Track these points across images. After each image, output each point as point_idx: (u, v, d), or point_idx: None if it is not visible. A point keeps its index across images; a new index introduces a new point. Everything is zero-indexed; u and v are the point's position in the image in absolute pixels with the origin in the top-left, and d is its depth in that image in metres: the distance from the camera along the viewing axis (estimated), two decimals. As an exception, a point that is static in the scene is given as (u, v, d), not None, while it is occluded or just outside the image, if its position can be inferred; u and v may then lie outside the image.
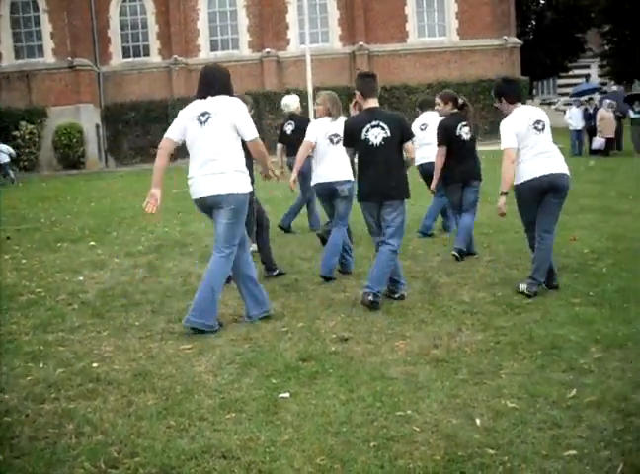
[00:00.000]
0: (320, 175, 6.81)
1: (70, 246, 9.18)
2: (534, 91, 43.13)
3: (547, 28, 43.74)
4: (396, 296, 5.83)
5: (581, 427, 3.39)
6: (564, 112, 22.89)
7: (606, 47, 48.19)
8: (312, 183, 6.99)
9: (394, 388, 3.95)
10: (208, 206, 5.26)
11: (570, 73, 48.92)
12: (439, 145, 7.36)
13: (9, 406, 3.93)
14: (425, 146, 8.40)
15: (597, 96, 27.79)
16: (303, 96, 23.25)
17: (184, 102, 26.81)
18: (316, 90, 23.30)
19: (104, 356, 4.75)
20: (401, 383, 4.03)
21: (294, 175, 7.34)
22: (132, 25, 30.85)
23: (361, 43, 30.07)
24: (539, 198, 5.74)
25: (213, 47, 30.82)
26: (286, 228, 9.46)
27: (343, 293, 6.16)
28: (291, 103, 9.69)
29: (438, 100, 7.61)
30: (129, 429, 3.58)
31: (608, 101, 22.00)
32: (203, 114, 5.19)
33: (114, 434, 3.52)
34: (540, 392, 3.80)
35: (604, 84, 46.48)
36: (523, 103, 6.14)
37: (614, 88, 37.53)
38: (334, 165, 6.69)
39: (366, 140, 5.71)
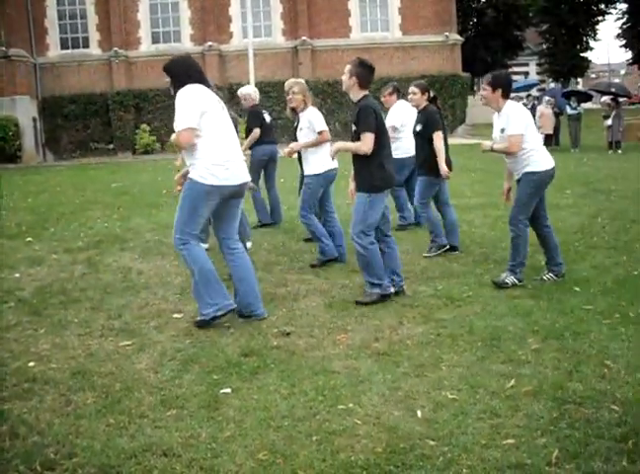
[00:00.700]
0: (330, 162, 6.76)
1: (6, 242, 8.91)
2: (475, 87, 43.80)
3: (487, 25, 44.56)
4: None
5: (518, 416, 3.47)
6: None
7: (544, 46, 49.46)
8: (324, 169, 6.85)
9: (336, 382, 3.96)
10: (231, 194, 5.13)
11: (509, 70, 49.90)
12: (436, 132, 7.16)
13: (-60, 408, 3.80)
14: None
15: (534, 92, 28.40)
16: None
17: (124, 95, 26.33)
18: (259, 84, 23.12)
19: (41, 355, 4.64)
20: (343, 377, 4.04)
21: None
22: (71, 15, 30.07)
23: (304, 38, 30.03)
24: None
25: (155, 40, 30.33)
26: None
27: (284, 288, 6.15)
28: (256, 91, 9.54)
29: (415, 89, 7.37)
30: (67, 428, 3.51)
31: (547, 98, 22.54)
32: (219, 101, 5.15)
33: (50, 435, 3.44)
34: (480, 383, 3.87)
35: (543, 81, 47.59)
36: (465, 99, 6.25)
37: (552, 85, 38.46)
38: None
39: (384, 125, 5.62)
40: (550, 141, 21.38)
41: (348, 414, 3.56)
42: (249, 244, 7.54)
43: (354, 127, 5.52)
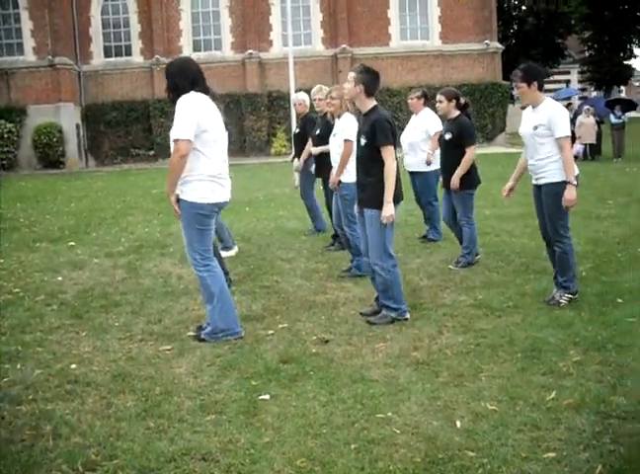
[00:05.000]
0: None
1: (49, 246, 9.09)
2: (515, 96, 43.33)
3: (528, 33, 44.13)
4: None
5: (560, 429, 3.41)
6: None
7: (586, 54, 48.79)
8: (351, 180, 6.29)
9: (375, 390, 3.95)
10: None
11: (551, 78, 49.36)
12: (471, 145, 6.99)
13: (-15, 407, 3.88)
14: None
15: (576, 100, 28.03)
16: (286, 98, 23.26)
17: (165, 102, 26.64)
18: (298, 92, 23.30)
19: (83, 358, 4.71)
20: (381, 385, 4.03)
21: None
22: (114, 24, 30.58)
23: (344, 46, 30.09)
24: None
25: (196, 48, 30.66)
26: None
27: (323, 295, 6.15)
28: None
29: (440, 97, 7.12)
30: (108, 430, 3.55)
31: (586, 106, 22.20)
32: (218, 110, 4.96)
33: (92, 436, 3.49)
34: (520, 394, 3.82)
35: (584, 89, 46.95)
36: (505, 108, 6.00)
37: (594, 93, 37.93)
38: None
39: (397, 137, 5.34)
40: (594, 151, 21.06)
41: (386, 423, 3.54)
42: (233, 252, 7.84)
43: (363, 141, 5.23)
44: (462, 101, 7.19)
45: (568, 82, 53.43)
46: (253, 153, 29.05)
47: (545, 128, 5.38)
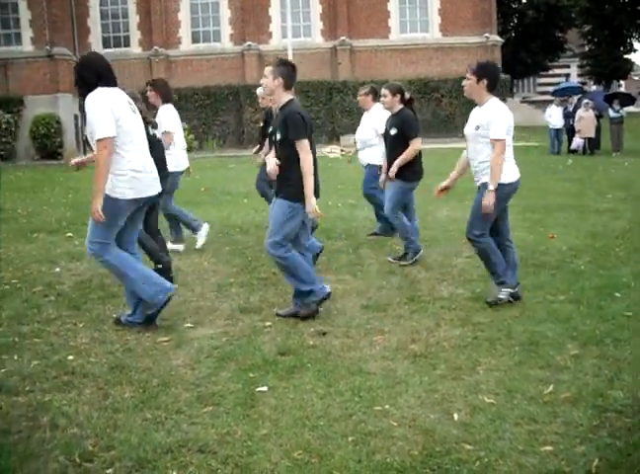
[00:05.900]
0: None
1: (47, 237, 9.06)
2: (514, 89, 43.27)
3: (528, 26, 44.02)
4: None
5: (557, 422, 3.42)
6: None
7: (586, 48, 48.73)
8: None
9: (372, 383, 3.95)
10: (145, 203, 5.07)
11: (550, 72, 49.27)
12: (415, 138, 6.93)
13: (-18, 398, 3.87)
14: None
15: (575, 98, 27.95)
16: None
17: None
18: (298, 84, 23.20)
19: (80, 349, 4.70)
20: (379, 378, 4.03)
21: None
22: (113, 14, 30.47)
23: (343, 38, 30.01)
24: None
25: (195, 39, 30.58)
26: None
27: (322, 288, 6.13)
28: None
29: (385, 91, 7.07)
30: (105, 422, 3.55)
31: (585, 100, 22.17)
32: (130, 103, 4.96)
33: (89, 428, 3.48)
34: (518, 388, 3.83)
35: (584, 83, 46.90)
36: (504, 101, 5.69)
37: (594, 88, 37.83)
38: None
39: (312, 131, 5.25)
40: (593, 145, 21.07)
41: (384, 415, 3.54)
42: (182, 246, 7.87)
43: (279, 135, 5.14)
44: (407, 95, 7.14)
45: (568, 76, 53.29)
46: (251, 145, 28.91)
47: (484, 129, 5.29)
